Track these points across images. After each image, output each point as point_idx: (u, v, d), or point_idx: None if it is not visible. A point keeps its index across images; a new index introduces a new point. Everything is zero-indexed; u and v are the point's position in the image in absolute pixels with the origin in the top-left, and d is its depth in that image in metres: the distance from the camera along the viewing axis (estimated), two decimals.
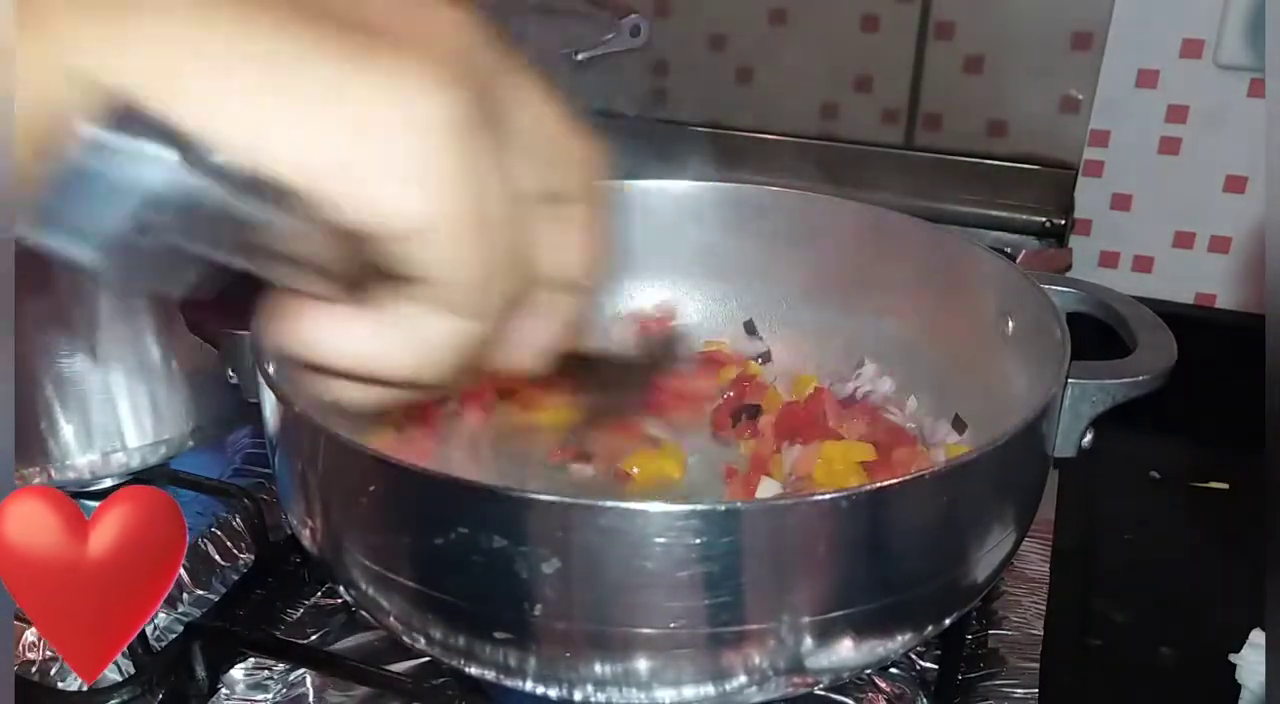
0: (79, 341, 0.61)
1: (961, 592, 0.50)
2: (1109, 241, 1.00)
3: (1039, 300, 0.57)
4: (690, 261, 0.75)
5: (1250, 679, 0.56)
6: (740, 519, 0.43)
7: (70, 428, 0.64)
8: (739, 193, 0.73)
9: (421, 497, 0.46)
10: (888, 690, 0.58)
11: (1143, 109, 0.95)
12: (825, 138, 1.04)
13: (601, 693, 0.47)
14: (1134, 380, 0.52)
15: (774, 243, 0.73)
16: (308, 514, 0.52)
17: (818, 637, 0.46)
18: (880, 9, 0.98)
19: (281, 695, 0.58)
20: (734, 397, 0.69)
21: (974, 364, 0.65)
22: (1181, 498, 0.79)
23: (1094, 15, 0.92)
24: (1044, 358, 0.54)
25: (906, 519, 0.46)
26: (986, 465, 0.47)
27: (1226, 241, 0.97)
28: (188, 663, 0.58)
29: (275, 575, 0.66)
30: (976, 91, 0.98)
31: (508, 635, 0.46)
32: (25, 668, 0.60)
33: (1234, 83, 0.92)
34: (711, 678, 0.46)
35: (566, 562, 0.43)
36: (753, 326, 0.74)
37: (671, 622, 0.44)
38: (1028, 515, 0.54)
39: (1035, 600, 0.64)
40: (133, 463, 0.67)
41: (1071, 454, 0.54)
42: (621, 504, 0.42)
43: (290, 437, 0.51)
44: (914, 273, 0.67)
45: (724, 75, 1.06)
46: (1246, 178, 0.94)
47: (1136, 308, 0.58)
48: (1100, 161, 0.98)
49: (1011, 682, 0.59)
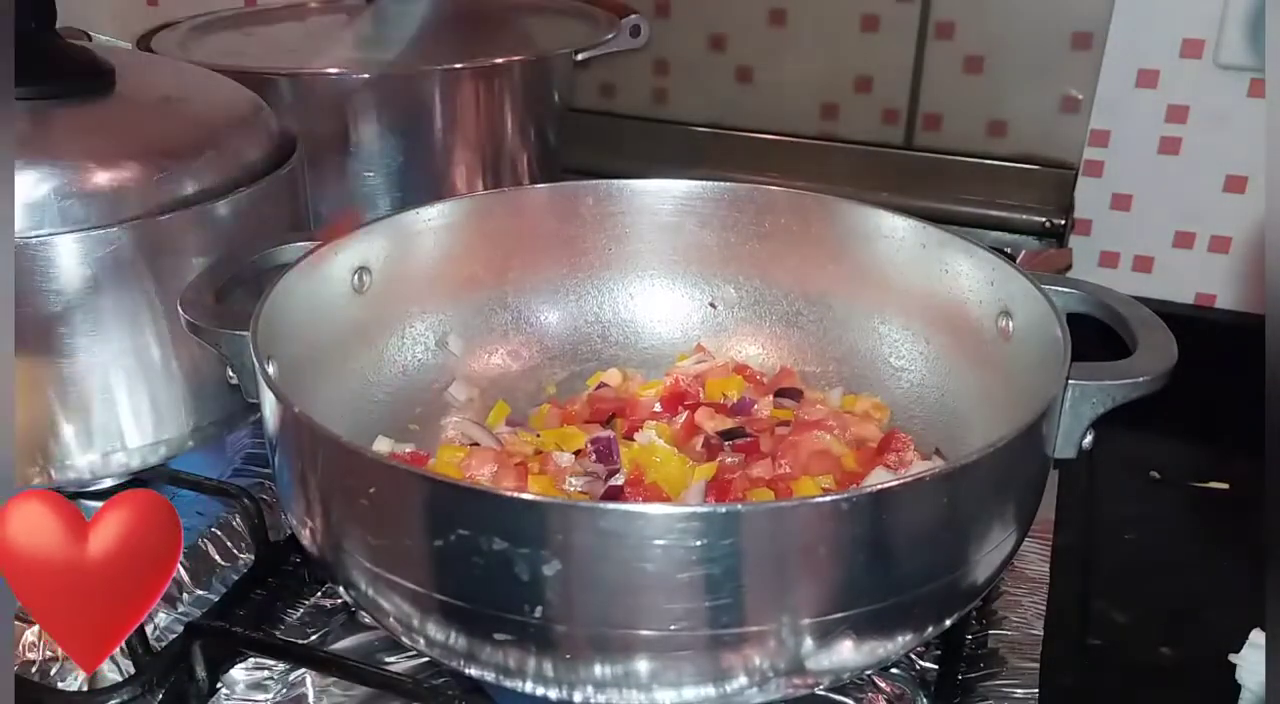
0: (79, 341, 0.61)
1: (962, 592, 0.51)
2: (1109, 241, 1.01)
3: (1039, 300, 0.57)
4: (690, 261, 0.75)
5: (1250, 679, 0.56)
6: (740, 521, 0.43)
7: (70, 428, 0.64)
8: (739, 193, 0.73)
9: (422, 498, 0.46)
10: (888, 691, 0.58)
11: (1143, 109, 0.95)
12: (825, 138, 1.04)
13: (602, 694, 0.47)
14: (1134, 381, 0.52)
15: (774, 243, 0.73)
16: (307, 514, 0.52)
17: (818, 638, 0.46)
18: (880, 9, 0.98)
19: (281, 695, 0.58)
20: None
21: (974, 364, 0.65)
22: (1181, 498, 0.79)
23: (1094, 15, 0.92)
24: (1044, 358, 0.54)
25: (907, 520, 0.46)
26: (987, 467, 0.47)
27: (1226, 241, 0.97)
28: (188, 663, 0.58)
29: (275, 575, 0.66)
30: (976, 91, 0.98)
31: (508, 637, 0.46)
32: (25, 668, 0.60)
33: (1234, 83, 0.92)
34: (712, 679, 0.46)
35: (567, 564, 0.43)
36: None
37: (672, 623, 0.44)
38: (1028, 516, 0.54)
39: (1035, 600, 0.65)
40: (133, 463, 0.67)
41: (1072, 455, 0.54)
42: (621, 507, 0.42)
43: (290, 437, 0.51)
44: (913, 273, 0.67)
45: (724, 75, 1.06)
46: (1246, 178, 0.94)
47: (1137, 308, 0.57)
48: (1100, 161, 0.98)
49: (1011, 682, 0.59)
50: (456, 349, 0.72)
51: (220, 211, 0.63)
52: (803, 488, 0.61)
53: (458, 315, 0.73)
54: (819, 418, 0.66)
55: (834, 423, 0.66)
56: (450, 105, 0.87)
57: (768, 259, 0.74)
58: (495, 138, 0.90)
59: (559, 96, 0.95)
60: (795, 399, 0.70)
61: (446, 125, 0.87)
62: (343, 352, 0.66)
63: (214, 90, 0.73)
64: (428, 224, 0.69)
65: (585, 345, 0.76)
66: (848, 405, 0.70)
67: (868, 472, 0.62)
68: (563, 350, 0.76)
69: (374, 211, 0.86)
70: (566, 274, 0.75)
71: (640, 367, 0.75)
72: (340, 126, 0.84)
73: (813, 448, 0.64)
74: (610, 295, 0.76)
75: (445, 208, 0.69)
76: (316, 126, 0.83)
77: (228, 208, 0.63)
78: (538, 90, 0.92)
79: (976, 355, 0.64)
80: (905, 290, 0.68)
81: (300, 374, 0.59)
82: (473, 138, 0.89)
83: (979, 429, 0.63)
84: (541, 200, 0.74)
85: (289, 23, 1.04)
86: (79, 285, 0.60)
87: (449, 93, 0.86)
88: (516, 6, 1.07)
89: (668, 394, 0.71)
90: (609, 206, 0.74)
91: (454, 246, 0.70)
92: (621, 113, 1.10)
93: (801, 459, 0.64)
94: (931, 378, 0.68)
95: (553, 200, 0.74)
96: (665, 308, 0.76)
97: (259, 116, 0.70)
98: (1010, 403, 0.59)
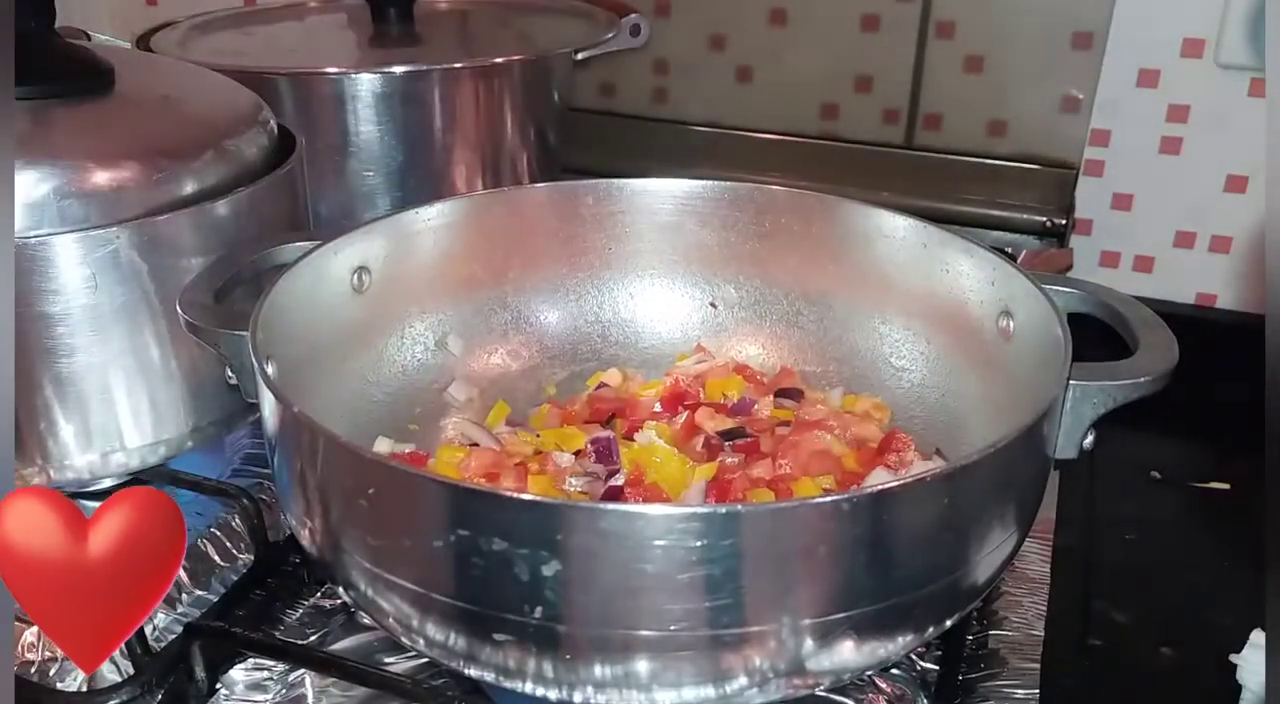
0: (78, 341, 0.61)
1: (962, 593, 0.50)
2: (1109, 241, 1.00)
3: (1040, 301, 0.57)
4: (690, 260, 0.75)
5: (1250, 679, 0.56)
6: (740, 522, 0.43)
7: (70, 428, 0.64)
8: (739, 192, 0.73)
9: (422, 498, 0.46)
10: (888, 691, 0.58)
11: (1143, 109, 0.95)
12: (825, 138, 1.04)
13: (602, 695, 0.47)
14: (1135, 381, 0.52)
15: (774, 242, 0.73)
16: (307, 514, 0.52)
17: (818, 639, 0.46)
18: (880, 9, 0.98)
19: (281, 695, 0.58)
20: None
21: (975, 364, 0.65)
22: (1181, 498, 0.79)
23: (1094, 15, 0.92)
24: (1045, 358, 0.54)
25: (907, 521, 0.46)
26: (988, 467, 0.47)
27: (1227, 241, 0.97)
28: (187, 663, 0.58)
29: (275, 576, 0.66)
30: (976, 91, 0.98)
31: (508, 637, 0.46)
32: (25, 668, 0.60)
33: (1234, 82, 0.92)
34: (712, 680, 0.46)
35: (567, 564, 0.43)
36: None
37: (672, 624, 0.44)
38: (1029, 517, 0.54)
39: (1036, 601, 0.64)
40: (132, 463, 0.67)
41: (1073, 455, 0.54)
42: (621, 507, 0.42)
43: (290, 437, 0.51)
44: (914, 273, 0.67)
45: (724, 75, 1.06)
46: (1247, 178, 0.94)
47: (1137, 308, 0.57)
48: (1101, 161, 0.98)
49: (1012, 682, 0.59)
50: (456, 349, 0.72)
51: (220, 211, 0.63)
52: (803, 488, 0.61)
53: (457, 315, 0.73)
54: (819, 418, 0.66)
55: (834, 423, 0.66)
56: (450, 105, 0.87)
57: (768, 259, 0.74)
58: (495, 137, 0.90)
59: (559, 96, 0.95)
60: (795, 399, 0.70)
61: (446, 125, 0.87)
62: (342, 352, 0.66)
63: (214, 90, 0.73)
64: (428, 224, 0.69)
65: (585, 345, 0.76)
66: (848, 405, 0.70)
67: (868, 472, 0.62)
68: (563, 350, 0.75)
69: (374, 211, 0.86)
70: (566, 274, 0.75)
71: (640, 367, 0.75)
72: (340, 126, 0.84)
73: (813, 448, 0.64)
74: (610, 295, 0.76)
75: (445, 207, 0.69)
76: (316, 126, 0.83)
77: (227, 208, 0.63)
78: (537, 90, 0.92)
79: (977, 355, 0.64)
80: (906, 290, 0.68)
81: (300, 374, 0.59)
82: (472, 137, 0.89)
83: (979, 429, 0.63)
84: (541, 200, 0.74)
85: (289, 22, 1.04)
86: (79, 285, 0.60)
87: (449, 92, 0.86)
88: (516, 6, 1.07)
89: (668, 394, 0.71)
90: (609, 206, 0.74)
91: (454, 246, 0.70)
92: (621, 112, 1.10)
93: (802, 459, 0.63)
94: (932, 378, 0.68)
95: (552, 200, 0.74)
96: (665, 308, 0.76)
97: (259, 116, 0.70)
98: (1011, 403, 0.59)
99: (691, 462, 0.64)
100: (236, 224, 0.64)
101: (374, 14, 0.97)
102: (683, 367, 0.73)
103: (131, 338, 0.63)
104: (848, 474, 0.63)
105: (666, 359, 0.75)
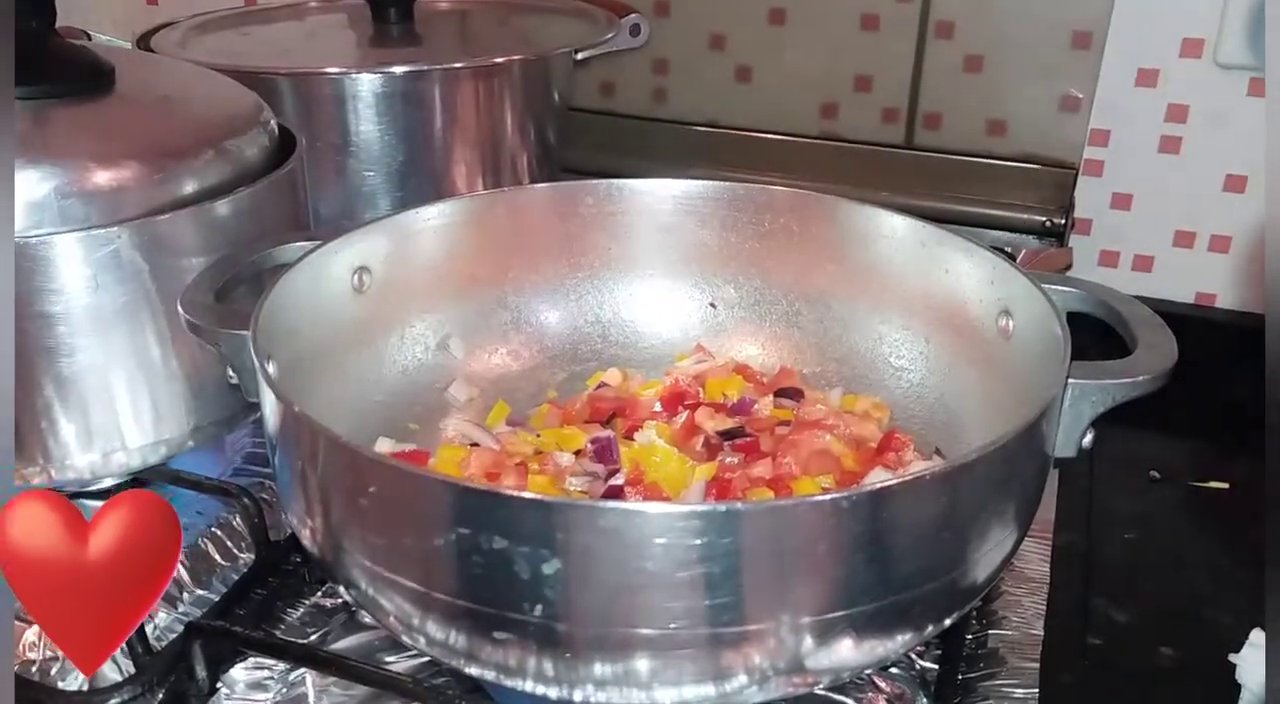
0: (79, 341, 0.61)
1: (962, 592, 0.50)
2: (1109, 241, 1.01)
3: (1039, 300, 0.57)
4: (689, 260, 0.75)
5: (1250, 679, 0.56)
6: (740, 520, 0.43)
7: (70, 428, 0.64)
8: (739, 192, 0.73)
9: (422, 498, 0.46)
10: (888, 690, 0.58)
11: (1143, 108, 0.95)
12: (825, 138, 1.04)
13: (602, 693, 0.47)
14: (1134, 380, 0.52)
15: (774, 242, 0.73)
16: (308, 514, 0.52)
17: (818, 637, 0.46)
18: (880, 9, 0.98)
19: (281, 695, 0.58)
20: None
21: (974, 364, 0.65)
22: (1181, 498, 0.79)
23: (1094, 15, 0.92)
24: (1044, 358, 0.54)
25: (907, 519, 0.46)
26: (987, 466, 0.47)
27: (1227, 241, 0.97)
28: (188, 663, 0.58)
29: (275, 575, 0.66)
30: (976, 91, 0.98)
31: (508, 636, 0.46)
32: (25, 668, 0.60)
33: (1234, 82, 0.92)
34: (712, 678, 0.46)
35: (567, 562, 0.43)
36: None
37: (672, 622, 0.44)
38: (1028, 515, 0.54)
39: (1035, 600, 0.65)
40: (133, 463, 0.67)
41: (1072, 454, 0.54)
42: (621, 505, 0.42)
43: (290, 436, 0.51)
44: (913, 272, 0.67)
45: (724, 75, 1.06)
46: (1246, 177, 0.94)
47: (1137, 307, 0.57)
48: (1100, 161, 0.98)
49: (1011, 682, 0.59)
50: (456, 349, 0.72)
51: (220, 211, 0.63)
52: (803, 487, 0.61)
53: (458, 315, 0.73)
54: (819, 418, 0.66)
55: (834, 422, 0.66)
56: (450, 105, 0.87)
57: (768, 259, 0.74)
58: (495, 137, 0.90)
59: (559, 96, 0.95)
60: (795, 399, 0.70)
61: (446, 125, 0.87)
62: (343, 351, 0.66)
63: (214, 90, 0.73)
64: (428, 224, 0.69)
65: (585, 345, 0.76)
66: (848, 405, 0.70)
67: (867, 471, 0.62)
68: (563, 350, 0.76)
69: (374, 211, 0.86)
70: (566, 274, 0.75)
71: (640, 367, 0.75)
72: (341, 126, 0.84)
73: (813, 447, 0.64)
74: (610, 295, 0.76)
75: (445, 208, 0.69)
76: (316, 126, 0.83)
77: (228, 207, 0.63)
78: (537, 89, 0.92)
79: (976, 355, 0.64)
80: (905, 290, 0.68)
81: (300, 374, 0.59)
82: (472, 137, 0.89)
83: (979, 428, 0.63)
84: (541, 200, 0.74)
85: (289, 22, 1.04)
86: (79, 285, 0.60)
87: (449, 92, 0.86)
88: (516, 6, 1.07)
89: (668, 394, 0.71)
90: (609, 206, 0.74)
91: (454, 246, 0.70)
92: (621, 112, 1.10)
93: (801, 459, 0.64)
94: (931, 377, 0.68)
95: (553, 200, 0.74)
96: (665, 308, 0.76)
97: (259, 116, 0.70)
98: (1010, 402, 0.59)
99: (691, 461, 0.64)
100: (237, 224, 0.64)
101: (374, 14, 0.97)
102: (682, 366, 0.73)
103: (132, 337, 0.63)
104: (847, 473, 0.63)
105: (666, 359, 0.75)
